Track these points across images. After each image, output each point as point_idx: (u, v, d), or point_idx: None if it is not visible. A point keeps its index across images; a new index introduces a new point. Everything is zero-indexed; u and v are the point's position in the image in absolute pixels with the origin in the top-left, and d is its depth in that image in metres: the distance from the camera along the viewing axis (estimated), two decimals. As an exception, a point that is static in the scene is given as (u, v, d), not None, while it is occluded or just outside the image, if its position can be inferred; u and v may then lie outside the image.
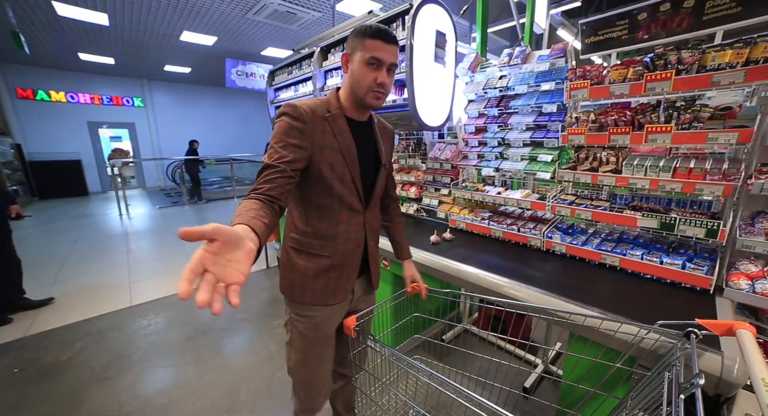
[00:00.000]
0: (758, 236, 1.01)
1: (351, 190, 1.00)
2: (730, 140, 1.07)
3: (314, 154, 0.93)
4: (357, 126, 1.03)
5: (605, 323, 1.02)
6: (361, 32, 0.92)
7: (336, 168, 0.96)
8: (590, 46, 1.59)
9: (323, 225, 1.00)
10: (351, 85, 0.96)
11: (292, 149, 0.89)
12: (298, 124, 0.91)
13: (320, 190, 0.97)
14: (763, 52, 0.97)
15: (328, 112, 0.96)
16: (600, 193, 1.69)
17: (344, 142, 0.97)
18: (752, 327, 0.74)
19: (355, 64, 0.93)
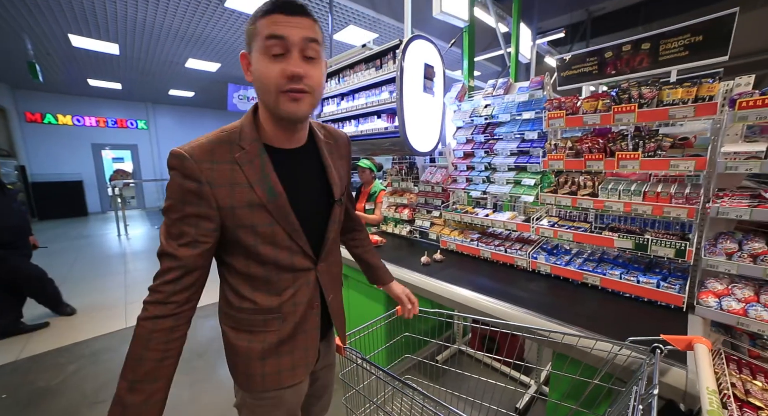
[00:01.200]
0: (719, 256, 1.09)
1: (291, 248, 0.75)
2: (689, 167, 1.16)
3: (224, 220, 0.68)
4: (289, 157, 0.75)
5: (582, 340, 1.07)
6: (254, 15, 0.65)
7: (259, 230, 0.70)
8: (565, 79, 1.73)
9: (261, 296, 0.75)
10: (259, 92, 0.68)
11: (192, 222, 0.66)
12: (191, 185, 0.65)
13: (245, 257, 0.73)
14: (708, 91, 1.09)
15: (240, 149, 0.69)
16: (586, 214, 1.77)
17: (267, 194, 0.69)
18: (708, 341, 0.80)
19: (255, 59, 0.65)
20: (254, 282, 0.75)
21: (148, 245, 5.87)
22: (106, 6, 4.10)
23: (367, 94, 2.18)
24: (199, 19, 4.59)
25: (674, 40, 1.28)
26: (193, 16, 4.47)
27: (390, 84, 1.99)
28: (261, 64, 0.64)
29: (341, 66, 2.41)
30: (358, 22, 4.86)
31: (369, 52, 2.13)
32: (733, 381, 0.99)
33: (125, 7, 4.16)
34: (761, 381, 0.99)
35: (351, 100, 2.34)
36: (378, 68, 2.05)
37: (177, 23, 4.69)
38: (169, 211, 0.67)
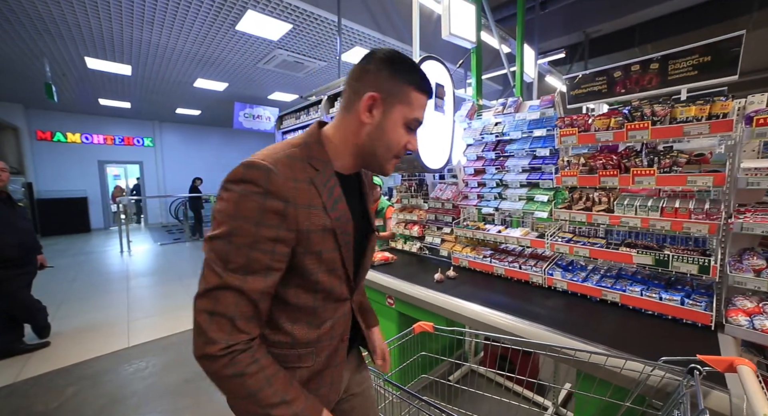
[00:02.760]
0: (747, 272, 1.07)
1: (340, 277, 0.71)
2: (707, 183, 1.17)
3: (297, 245, 0.63)
4: (348, 184, 0.73)
5: (611, 360, 1.04)
6: (402, 75, 0.66)
7: (324, 256, 0.66)
8: (575, 97, 1.77)
9: (301, 329, 0.69)
10: (373, 143, 0.68)
11: (268, 247, 0.58)
12: (275, 205, 0.58)
13: (298, 286, 0.67)
14: (721, 109, 1.11)
15: (314, 170, 0.65)
16: (597, 230, 1.76)
17: (339, 217, 0.67)
18: (752, 363, 0.78)
19: (391, 118, 0.67)
20: (297, 313, 0.69)
21: (151, 261, 5.83)
22: (123, 30, 4.26)
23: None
24: (210, 42, 4.75)
25: (683, 60, 1.32)
26: (204, 38, 4.63)
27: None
28: (396, 129, 0.68)
29: (352, 85, 2.47)
30: (364, 44, 5.03)
31: (380, 72, 2.19)
32: (772, 405, 0.95)
33: (141, 32, 4.32)
34: (802, 405, 0.95)
35: (361, 118, 2.39)
36: (389, 87, 2.10)
37: (189, 46, 4.85)
38: (234, 235, 0.56)
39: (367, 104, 0.65)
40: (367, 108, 0.66)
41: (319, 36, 4.69)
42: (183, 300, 3.89)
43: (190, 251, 6.65)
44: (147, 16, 3.96)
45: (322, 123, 0.74)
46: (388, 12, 4.48)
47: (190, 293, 4.12)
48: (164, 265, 5.53)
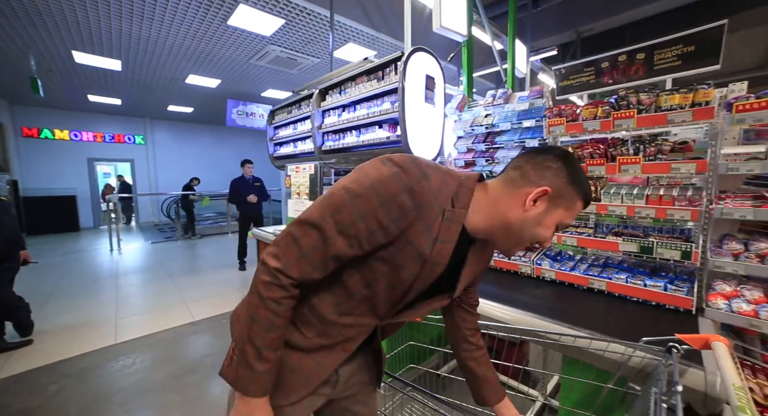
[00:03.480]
0: (726, 257, 1.09)
1: (393, 299, 0.71)
2: (690, 170, 1.18)
3: (391, 245, 0.64)
4: (462, 238, 0.71)
5: (594, 343, 1.05)
6: (577, 185, 0.67)
7: (402, 274, 0.66)
8: (564, 88, 1.78)
9: (327, 306, 0.71)
10: (520, 226, 0.68)
11: (372, 225, 0.61)
12: (407, 202, 0.60)
13: (361, 273, 0.68)
14: (704, 96, 1.13)
15: (452, 207, 0.66)
16: (586, 222, 1.78)
17: (438, 256, 0.66)
18: (726, 339, 0.79)
19: (550, 216, 0.68)
20: (337, 290, 0.70)
21: (142, 260, 5.75)
22: (112, 23, 4.19)
23: (368, 105, 2.21)
24: (202, 37, 4.70)
25: (668, 50, 1.34)
26: (196, 33, 4.58)
27: (391, 95, 2.03)
28: (548, 228, 0.69)
29: (343, 78, 2.46)
30: (358, 40, 5.02)
31: (371, 64, 2.19)
32: (751, 386, 0.97)
33: (130, 25, 4.26)
34: (779, 385, 0.97)
35: (352, 111, 2.38)
36: (380, 80, 2.10)
37: (180, 40, 4.80)
38: (355, 197, 0.60)
39: (537, 195, 0.66)
40: (534, 198, 0.67)
41: (312, 32, 4.67)
42: (174, 298, 3.84)
43: (182, 250, 6.57)
44: (136, 9, 3.90)
45: (482, 178, 0.75)
46: (381, 8, 4.47)
47: (181, 291, 4.07)
48: (155, 264, 5.46)
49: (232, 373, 0.66)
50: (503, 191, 0.70)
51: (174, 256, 5.98)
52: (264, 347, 0.63)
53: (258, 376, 0.63)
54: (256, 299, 0.63)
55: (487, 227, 0.70)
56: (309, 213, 0.63)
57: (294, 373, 0.73)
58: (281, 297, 0.62)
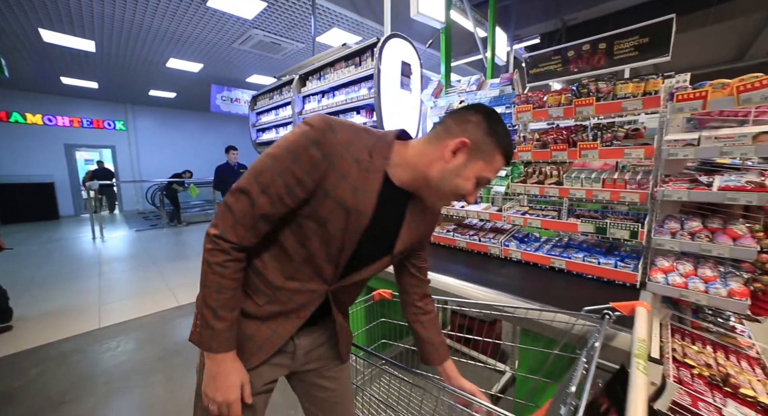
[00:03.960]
0: (665, 235, 1.19)
1: (330, 258, 0.74)
2: (639, 155, 1.27)
3: (312, 199, 0.68)
4: (390, 192, 0.74)
5: (543, 314, 1.15)
6: (493, 134, 0.70)
7: (329, 227, 0.70)
8: (534, 76, 1.84)
9: (273, 270, 0.75)
10: (441, 177, 0.71)
11: (290, 181, 0.66)
12: (315, 153, 0.65)
13: (295, 233, 0.72)
14: (653, 86, 1.20)
15: (368, 156, 0.70)
16: (560, 208, 1.86)
17: (358, 205, 0.69)
18: (648, 305, 0.89)
19: (469, 169, 0.71)
20: (278, 253, 0.74)
21: (126, 248, 5.69)
22: (81, 1, 4.01)
23: (346, 91, 2.23)
24: (180, 19, 4.55)
25: (626, 41, 1.40)
26: (174, 15, 4.43)
27: (369, 81, 2.05)
28: (467, 179, 0.72)
29: (322, 64, 2.46)
30: (342, 25, 4.94)
31: (348, 50, 2.20)
32: (675, 347, 1.09)
33: (102, 4, 4.08)
34: (698, 347, 1.09)
35: (331, 97, 2.39)
36: (357, 66, 2.12)
37: (157, 22, 4.63)
38: (273, 159, 0.66)
39: (456, 147, 0.70)
40: (454, 149, 0.70)
41: (295, 16, 4.57)
42: (158, 284, 3.85)
43: (167, 237, 6.51)
44: (109, -13, 3.74)
45: (404, 134, 0.78)
46: (365, -8, 4.40)
47: (166, 277, 4.08)
48: (140, 251, 5.41)
49: (197, 336, 0.72)
50: (427, 145, 0.73)
51: (159, 244, 5.93)
52: (218, 307, 0.69)
53: (218, 334, 0.69)
54: (204, 266, 0.69)
55: (412, 180, 0.74)
56: (239, 182, 0.68)
57: (250, 340, 0.77)
58: (224, 260, 0.67)
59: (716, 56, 7.03)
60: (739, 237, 1.05)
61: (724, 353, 1.13)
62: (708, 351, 1.12)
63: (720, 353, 1.12)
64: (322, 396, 0.93)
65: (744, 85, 0.95)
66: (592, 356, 0.75)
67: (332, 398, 0.94)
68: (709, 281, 1.11)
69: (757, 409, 0.87)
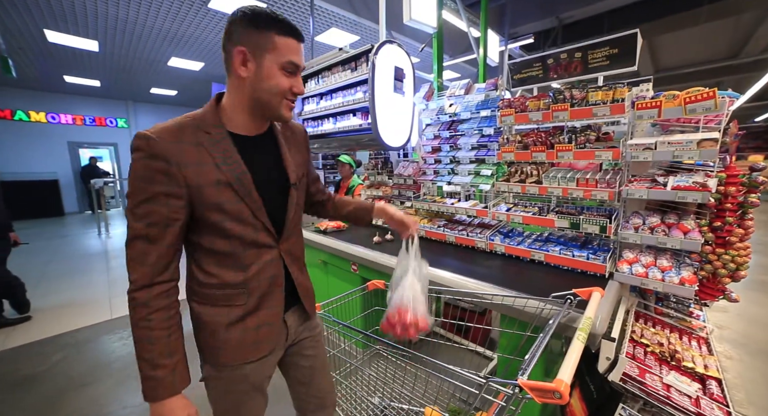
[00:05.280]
0: (629, 230, 1.32)
1: (254, 225, 0.80)
2: (608, 157, 1.40)
3: (192, 198, 0.72)
4: (250, 143, 0.81)
5: (517, 300, 1.28)
6: (264, 23, 0.71)
7: (226, 207, 0.75)
8: (517, 81, 1.96)
9: (227, 273, 0.79)
10: (255, 92, 0.75)
11: (162, 201, 0.69)
12: (159, 165, 0.68)
13: (211, 234, 0.76)
14: (620, 94, 1.32)
15: (205, 133, 0.74)
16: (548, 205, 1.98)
17: (233, 173, 0.75)
18: (602, 290, 1.02)
19: (265, 67, 0.73)
20: (220, 258, 0.78)
21: (129, 243, 5.84)
22: (86, 3, 4.11)
23: (343, 93, 2.35)
24: (182, 19, 4.64)
25: (599, 51, 1.52)
26: (176, 15, 4.52)
27: (364, 84, 2.17)
28: (275, 76, 0.74)
29: (320, 67, 2.57)
30: (340, 25, 5.02)
31: (345, 55, 2.31)
32: (635, 329, 1.23)
33: (106, 5, 4.18)
34: (656, 329, 1.23)
35: (329, 100, 2.51)
36: (353, 70, 2.23)
37: (159, 22, 4.72)
38: (136, 193, 0.68)
39: (240, 59, 0.72)
40: (240, 63, 0.73)
41: (294, 16, 4.66)
42: (163, 278, 4.00)
43: (169, 233, 6.65)
44: (112, -11, 3.83)
45: (221, 95, 0.82)
46: (362, -8, 4.49)
47: (170, 271, 4.22)
48: (144, 246, 5.56)
49: (143, 391, 0.72)
50: (229, 83, 0.77)
51: (162, 240, 6.07)
52: (155, 357, 0.70)
53: (162, 381, 0.71)
54: (132, 326, 0.71)
55: (249, 118, 0.79)
56: (127, 232, 0.71)
57: (256, 340, 0.84)
58: (147, 314, 0.70)
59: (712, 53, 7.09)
60: (689, 231, 1.18)
61: (678, 334, 1.27)
62: (664, 332, 1.26)
63: (674, 334, 1.26)
64: (307, 365, 1.02)
65: (690, 97, 1.07)
66: (548, 331, 0.89)
67: (315, 364, 1.04)
68: (665, 270, 1.25)
69: (693, 378, 1.01)
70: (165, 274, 0.72)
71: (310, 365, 1.03)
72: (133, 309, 0.70)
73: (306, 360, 1.02)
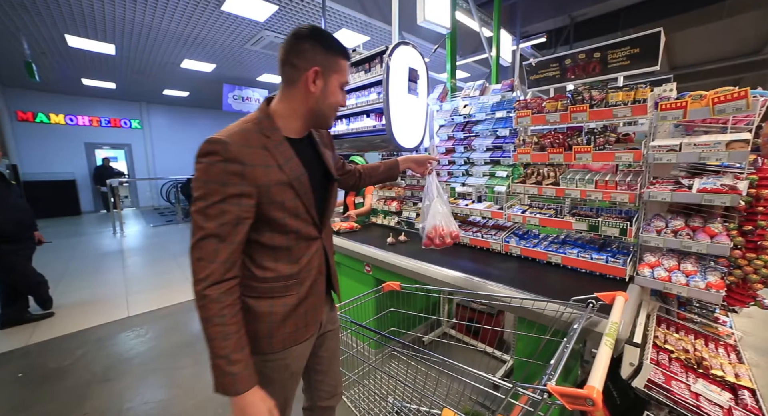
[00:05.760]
0: (651, 233, 1.30)
1: (306, 220, 0.89)
2: (629, 158, 1.37)
3: (261, 197, 0.79)
4: (300, 145, 0.90)
5: (536, 303, 1.27)
6: (332, 48, 0.84)
7: (287, 205, 0.83)
8: (533, 81, 1.94)
9: (283, 266, 0.87)
10: (319, 106, 0.86)
11: (235, 201, 0.75)
12: (234, 167, 0.74)
13: (272, 231, 0.84)
14: (642, 94, 1.30)
15: (266, 137, 0.81)
16: (562, 206, 1.96)
17: (293, 172, 0.84)
18: (626, 294, 1.01)
19: (331, 86, 0.86)
20: (277, 252, 0.86)
21: (145, 242, 5.97)
22: (105, 8, 4.21)
23: (356, 95, 2.36)
24: (196, 22, 4.72)
25: (619, 51, 1.49)
26: (190, 18, 4.60)
27: (378, 86, 2.17)
28: (336, 93, 0.87)
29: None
30: (351, 26, 5.04)
31: (359, 56, 2.32)
32: (658, 334, 1.21)
33: (123, 10, 4.28)
34: (680, 335, 1.21)
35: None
36: (367, 71, 2.24)
37: (174, 26, 4.81)
38: (209, 195, 0.73)
39: (313, 77, 0.83)
40: (312, 80, 0.83)
41: (306, 17, 4.69)
42: (178, 277, 4.08)
43: (182, 232, 6.79)
44: (130, -6, 3.92)
45: (270, 99, 0.90)
46: (373, -7, 4.49)
47: (184, 270, 4.31)
48: (158, 245, 5.68)
49: (221, 387, 0.74)
50: (289, 92, 0.86)
51: (176, 238, 6.20)
52: (230, 353, 0.73)
53: (239, 376, 0.73)
54: (204, 324, 0.73)
55: (303, 124, 0.90)
56: (193, 237, 0.74)
57: (304, 325, 0.92)
58: (219, 309, 0.73)
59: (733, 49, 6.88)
60: (716, 234, 1.15)
61: (703, 340, 1.24)
62: (689, 338, 1.23)
63: (699, 340, 1.23)
64: (327, 355, 1.11)
65: (718, 97, 1.04)
66: (572, 336, 0.88)
67: (331, 353, 1.13)
68: (690, 275, 1.22)
69: (723, 387, 0.99)
70: (233, 271, 0.76)
71: (329, 355, 1.12)
72: (204, 306, 0.72)
73: (326, 351, 1.10)
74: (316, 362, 1.10)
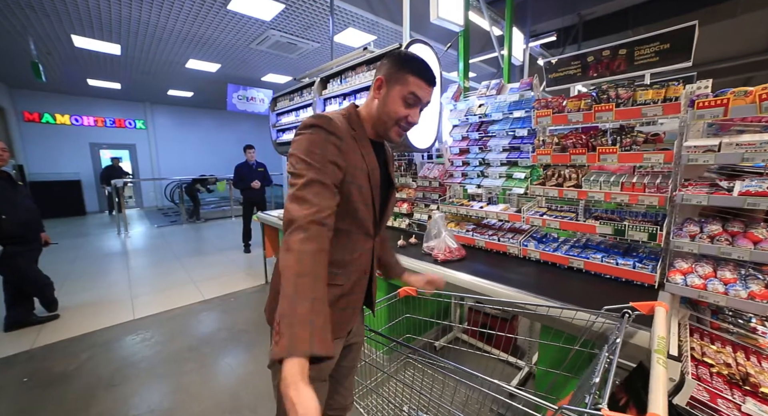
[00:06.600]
0: (684, 238, 1.23)
1: (371, 213, 0.93)
2: (659, 159, 1.31)
3: (346, 175, 0.84)
4: (373, 145, 0.96)
5: (564, 312, 1.21)
6: (403, 65, 0.88)
7: (363, 190, 0.88)
8: (552, 80, 1.87)
9: (337, 252, 0.88)
10: (379, 112, 0.91)
11: (332, 168, 0.80)
12: (335, 140, 0.81)
13: (345, 213, 0.86)
14: (674, 92, 1.24)
15: (353, 130, 0.90)
16: (577, 208, 1.90)
17: (371, 164, 0.91)
18: (666, 305, 0.94)
19: (391, 95, 0.89)
20: (339, 236, 0.87)
21: (149, 243, 5.95)
22: (111, 8, 4.19)
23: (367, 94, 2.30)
24: (202, 21, 4.69)
25: (647, 46, 1.43)
26: (196, 18, 4.57)
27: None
28: (395, 103, 0.89)
29: (343, 67, 2.53)
30: (357, 25, 4.99)
31: (370, 54, 2.26)
32: (693, 346, 1.14)
33: (129, 9, 4.25)
34: (717, 346, 1.14)
35: (353, 100, 2.47)
36: (379, 70, 2.18)
37: (179, 25, 4.78)
38: (312, 153, 0.78)
39: (377, 84, 0.91)
40: (377, 87, 0.91)
41: (312, 17, 4.64)
42: (183, 279, 4.04)
43: (187, 232, 6.76)
44: (136, -7, 3.89)
45: (356, 104, 0.99)
46: (381, -8, 4.44)
47: (189, 272, 4.27)
48: (162, 246, 5.65)
49: (286, 343, 0.60)
50: (368, 98, 0.95)
51: (180, 239, 6.17)
52: (317, 298, 0.65)
53: (318, 331, 0.62)
54: (299, 256, 0.67)
55: (372, 128, 0.95)
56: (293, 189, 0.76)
57: (346, 309, 0.93)
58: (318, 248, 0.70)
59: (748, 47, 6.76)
60: (760, 241, 1.08)
61: (744, 353, 1.17)
62: (727, 350, 1.16)
63: (740, 353, 1.16)
64: (348, 366, 1.11)
65: (767, 92, 0.98)
66: (615, 350, 0.82)
67: (351, 364, 1.12)
68: (728, 283, 1.15)
69: (772, 405, 0.92)
70: (331, 219, 0.76)
71: (350, 366, 1.12)
72: (306, 240, 0.69)
73: (348, 361, 1.10)
74: (335, 370, 1.07)
